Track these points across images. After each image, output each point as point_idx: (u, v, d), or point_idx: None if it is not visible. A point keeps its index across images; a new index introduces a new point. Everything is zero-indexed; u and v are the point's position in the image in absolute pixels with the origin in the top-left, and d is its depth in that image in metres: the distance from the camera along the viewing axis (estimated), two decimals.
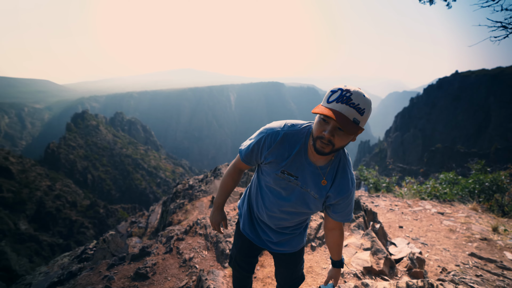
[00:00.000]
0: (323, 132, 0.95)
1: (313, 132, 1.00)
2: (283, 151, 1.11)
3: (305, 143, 1.10)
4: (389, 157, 70.86)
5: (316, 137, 0.98)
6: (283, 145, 1.11)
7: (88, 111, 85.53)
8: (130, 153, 75.60)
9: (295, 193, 1.16)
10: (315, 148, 0.99)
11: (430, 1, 3.29)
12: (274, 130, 1.13)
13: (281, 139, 1.11)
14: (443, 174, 7.11)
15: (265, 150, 1.13)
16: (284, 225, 1.30)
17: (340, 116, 0.88)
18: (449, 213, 4.66)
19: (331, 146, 0.96)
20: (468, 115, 62.80)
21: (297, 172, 1.12)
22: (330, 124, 0.93)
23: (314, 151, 1.03)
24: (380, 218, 4.30)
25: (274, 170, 1.15)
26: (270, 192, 1.23)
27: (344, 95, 0.89)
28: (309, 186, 1.13)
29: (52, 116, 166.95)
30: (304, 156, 1.11)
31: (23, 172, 48.63)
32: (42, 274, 3.02)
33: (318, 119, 0.97)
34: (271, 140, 1.12)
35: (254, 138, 1.18)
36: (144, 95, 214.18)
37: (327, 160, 1.11)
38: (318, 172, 1.11)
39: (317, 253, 2.67)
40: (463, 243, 3.45)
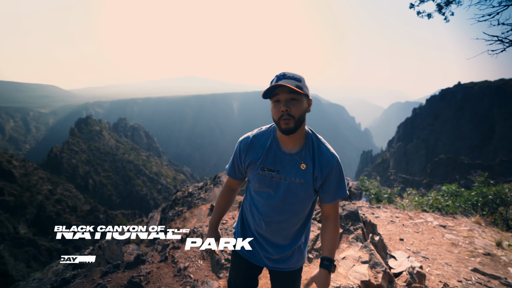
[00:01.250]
0: (280, 110, 1.07)
1: (274, 117, 1.11)
2: (256, 150, 1.23)
3: (274, 137, 1.22)
4: (392, 168, 70.33)
5: (278, 119, 1.09)
6: (254, 145, 1.24)
7: (92, 116, 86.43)
8: (132, 159, 75.81)
9: (282, 187, 1.19)
10: (282, 130, 1.10)
11: (428, 15, 3.33)
12: (245, 136, 1.28)
13: (251, 141, 1.25)
14: (446, 186, 7.01)
15: (242, 155, 1.26)
16: (284, 231, 1.26)
17: (285, 86, 1.04)
18: (451, 226, 4.58)
19: (293, 119, 1.07)
20: (472, 126, 62.52)
21: (276, 166, 1.20)
22: (281, 100, 1.07)
23: (283, 134, 1.12)
24: (380, 230, 4.22)
25: (255, 171, 1.23)
26: (260, 196, 1.26)
27: (280, 75, 1.08)
28: (292, 175, 1.18)
29: (57, 120, 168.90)
30: (277, 148, 1.21)
31: (25, 175, 48.85)
32: (36, 280, 2.99)
33: (272, 105, 1.11)
34: (244, 145, 1.26)
35: (233, 153, 1.33)
36: (148, 102, 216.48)
37: (300, 145, 1.20)
38: (295, 159, 1.19)
39: (314, 265, 2.61)
40: (465, 257, 3.37)
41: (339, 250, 2.81)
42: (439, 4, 3.34)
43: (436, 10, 3.43)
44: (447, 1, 3.24)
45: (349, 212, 3.23)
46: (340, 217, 3.21)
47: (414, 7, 3.61)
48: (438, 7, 3.39)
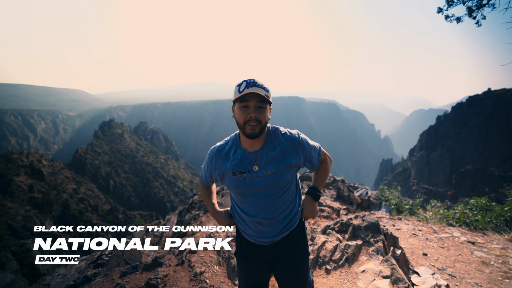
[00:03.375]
0: (248, 115, 1.15)
1: (239, 121, 1.19)
2: (224, 158, 1.31)
3: (237, 142, 1.31)
4: (413, 177, 67.25)
5: (244, 123, 1.17)
6: (221, 154, 1.32)
7: (115, 120, 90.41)
8: (151, 161, 78.20)
9: (258, 184, 1.26)
10: (246, 135, 1.19)
11: (457, 19, 3.17)
12: (213, 147, 1.39)
13: (217, 150, 1.34)
14: (474, 199, 6.57)
15: (212, 164, 1.36)
16: (278, 216, 1.32)
17: (257, 94, 1.13)
18: (481, 243, 4.27)
19: (259, 124, 1.16)
20: (503, 135, 58.52)
21: (245, 167, 1.26)
22: (250, 106, 1.15)
23: (247, 138, 1.21)
24: (402, 243, 4.03)
25: (229, 177, 1.30)
26: (243, 200, 1.32)
27: (250, 82, 1.15)
28: (262, 170, 1.25)
29: (83, 123, 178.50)
30: (241, 151, 1.28)
31: (53, 174, 51.80)
32: (60, 276, 3.12)
33: (238, 109, 1.17)
34: (212, 155, 1.36)
35: (205, 162, 1.44)
36: (167, 106, 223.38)
37: (261, 144, 1.28)
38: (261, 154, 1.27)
39: (332, 277, 2.53)
40: (498, 278, 3.12)
41: (358, 262, 2.71)
42: (469, 8, 3.17)
43: (466, 14, 3.26)
44: (478, 4, 3.07)
45: (370, 223, 3.11)
46: (360, 228, 3.10)
47: (443, 11, 3.44)
48: (468, 11, 3.22)
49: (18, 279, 14.74)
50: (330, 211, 5.09)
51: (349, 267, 2.64)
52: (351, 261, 2.70)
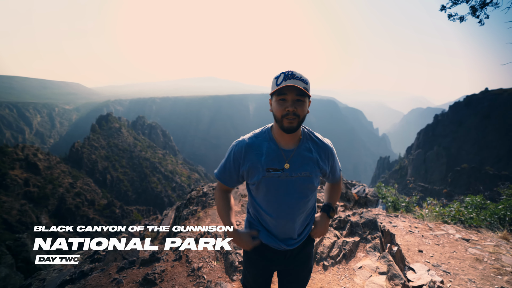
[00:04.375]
0: (286, 109, 1.09)
1: (276, 114, 1.13)
2: (255, 153, 1.21)
3: (271, 137, 1.23)
4: (410, 175, 67.80)
5: (281, 117, 1.11)
6: (252, 148, 1.21)
7: (112, 114, 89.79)
8: (149, 156, 77.95)
9: (291, 184, 1.21)
10: (283, 129, 1.13)
11: (461, 19, 3.16)
12: (239, 141, 1.25)
13: (247, 144, 1.22)
14: (470, 197, 6.64)
15: (238, 160, 1.23)
16: (300, 221, 1.29)
17: (295, 87, 1.07)
18: (475, 240, 4.32)
19: (297, 118, 1.11)
20: (499, 135, 59.03)
21: (280, 165, 1.20)
22: (288, 100, 1.10)
23: (284, 132, 1.15)
24: (398, 240, 4.06)
25: (259, 174, 1.20)
26: (270, 200, 1.23)
27: (288, 74, 1.09)
28: (297, 170, 1.21)
29: (80, 117, 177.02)
30: (276, 147, 1.21)
31: (49, 168, 51.48)
32: (56, 270, 3.11)
33: (276, 102, 1.12)
34: (239, 149, 1.22)
35: (225, 158, 1.28)
36: (166, 101, 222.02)
37: (297, 142, 1.24)
38: (296, 154, 1.22)
39: (329, 273, 2.54)
40: (491, 275, 3.16)
41: (355, 258, 2.73)
42: (473, 7, 3.15)
43: (469, 13, 3.24)
44: (482, 3, 3.05)
45: (367, 220, 3.13)
46: (357, 224, 3.12)
47: (446, 9, 3.41)
48: (472, 10, 3.19)
49: (13, 273, 14.70)
50: None
51: (346, 263, 2.66)
52: (348, 257, 2.72)
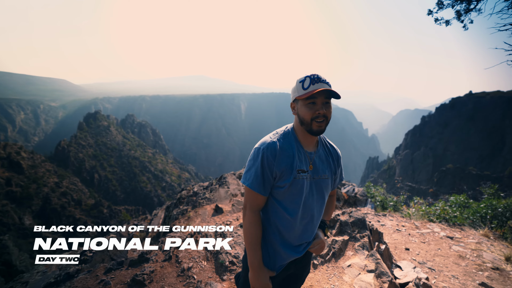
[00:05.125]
0: (316, 112, 1.11)
1: (304, 117, 1.14)
2: (287, 154, 1.18)
3: (296, 138, 1.23)
4: (398, 175, 69.40)
5: (311, 120, 1.13)
6: (284, 151, 1.18)
7: (101, 112, 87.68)
8: (138, 155, 76.59)
9: (314, 186, 1.24)
10: (312, 132, 1.15)
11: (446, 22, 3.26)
12: (268, 142, 1.19)
13: (280, 147, 1.18)
14: (454, 196, 6.87)
15: (273, 164, 1.16)
16: (317, 223, 1.32)
17: (325, 90, 1.09)
18: (458, 238, 4.47)
19: (326, 120, 1.13)
20: (482, 136, 61.31)
21: (306, 166, 1.22)
22: (317, 103, 1.12)
23: (312, 134, 1.17)
24: (386, 239, 4.16)
25: (290, 176, 1.18)
26: (295, 203, 1.21)
27: (314, 78, 1.11)
28: (319, 172, 1.25)
29: (66, 114, 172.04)
30: (302, 149, 1.23)
31: (33, 167, 49.79)
32: (40, 273, 3.02)
33: (304, 106, 1.13)
34: (273, 152, 1.16)
35: (254, 163, 1.18)
36: (156, 99, 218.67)
37: (316, 144, 1.29)
38: (318, 156, 1.27)
39: (319, 272, 2.58)
40: (473, 271, 3.28)
41: (344, 257, 2.77)
42: (458, 11, 3.27)
43: (455, 18, 3.36)
44: (466, 8, 3.17)
45: (356, 219, 3.18)
46: (347, 224, 3.17)
47: (432, 13, 3.54)
48: (457, 14, 3.32)
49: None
50: None
51: (335, 262, 2.69)
52: (337, 256, 2.76)
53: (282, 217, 1.23)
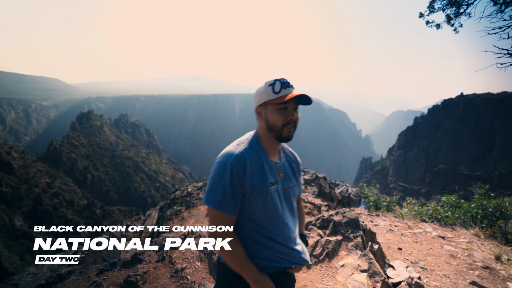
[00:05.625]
0: (288, 118, 1.07)
1: (275, 123, 1.08)
2: (257, 165, 1.08)
3: (261, 148, 1.15)
4: (391, 176, 70.25)
5: (282, 126, 1.07)
6: (253, 162, 1.08)
7: (94, 111, 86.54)
8: (132, 155, 75.78)
9: (284, 196, 1.17)
10: (282, 138, 1.10)
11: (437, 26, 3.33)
12: (236, 154, 1.06)
13: (248, 158, 1.07)
14: (445, 196, 6.97)
15: (244, 177, 1.03)
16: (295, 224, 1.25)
17: (298, 95, 1.06)
18: (450, 237, 4.55)
19: (295, 127, 1.10)
20: (472, 137, 62.53)
21: (275, 178, 1.14)
22: (289, 108, 1.07)
23: (280, 141, 1.12)
24: (379, 239, 4.20)
25: (262, 191, 1.07)
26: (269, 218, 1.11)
27: (285, 82, 1.07)
28: (287, 181, 1.19)
29: (58, 114, 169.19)
30: (268, 159, 1.15)
31: (24, 167, 48.81)
32: (31, 275, 2.96)
33: (276, 111, 1.07)
34: (242, 164, 1.04)
35: (220, 179, 1.03)
36: (150, 99, 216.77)
37: (279, 151, 1.23)
38: (282, 165, 1.20)
39: (312, 272, 2.59)
40: (464, 270, 3.34)
41: (338, 257, 2.79)
42: (448, 15, 3.35)
43: (445, 21, 3.44)
44: (456, 12, 3.25)
45: (350, 219, 3.21)
46: (340, 224, 3.19)
47: (424, 16, 3.61)
48: (447, 18, 3.40)
49: None
50: (312, 207, 5.19)
51: (329, 262, 2.71)
52: (331, 256, 2.78)
53: (258, 232, 1.12)
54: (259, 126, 1.16)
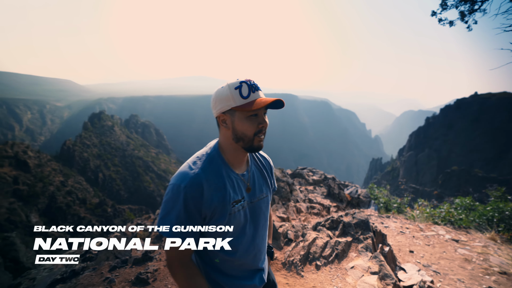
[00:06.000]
0: (260, 125, 0.92)
1: (246, 133, 0.92)
2: (217, 187, 0.93)
3: (224, 162, 0.99)
4: (402, 177, 68.85)
5: (254, 135, 0.93)
6: (211, 183, 0.92)
7: (105, 112, 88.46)
8: (142, 155, 77.08)
9: (252, 212, 1.04)
10: (252, 148, 0.95)
11: (450, 23, 3.24)
12: (191, 176, 0.90)
13: (205, 179, 0.91)
14: (459, 198, 6.79)
15: (200, 201, 0.90)
16: (265, 239, 1.14)
17: (269, 100, 0.90)
18: (464, 241, 4.42)
19: (265, 134, 0.96)
20: (487, 138, 60.50)
21: (241, 193, 1.00)
22: (259, 115, 0.93)
23: (251, 151, 0.97)
24: (390, 241, 4.13)
25: (225, 214, 0.94)
26: (235, 241, 1.00)
27: (252, 84, 0.93)
28: (256, 195, 1.06)
29: (71, 114, 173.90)
30: (233, 174, 1.00)
31: (39, 166, 50.38)
32: (47, 270, 3.06)
33: (245, 118, 0.92)
34: (198, 188, 0.89)
35: (174, 204, 0.89)
36: (159, 100, 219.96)
37: (247, 161, 1.08)
38: (248, 177, 1.06)
39: (322, 273, 2.57)
40: (479, 275, 3.24)
41: (347, 258, 2.76)
42: (462, 12, 3.25)
43: (458, 18, 3.34)
44: (471, 9, 3.15)
45: (359, 220, 3.17)
46: (350, 225, 3.16)
47: (436, 14, 3.52)
48: (461, 15, 3.30)
49: (1, 272, 14.35)
50: (321, 208, 5.15)
51: (338, 263, 2.68)
52: (340, 257, 2.75)
53: (222, 259, 1.01)
54: (223, 136, 1.00)
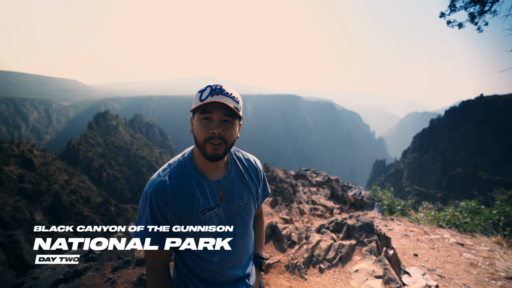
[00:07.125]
0: (210, 131, 0.86)
1: (197, 137, 0.88)
2: (182, 195, 0.92)
3: (195, 168, 0.96)
4: (405, 179, 68.26)
5: (204, 142, 0.87)
6: (176, 190, 0.91)
7: (110, 112, 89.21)
8: (145, 155, 77.56)
9: (230, 219, 1.01)
10: (206, 156, 0.89)
11: (459, 25, 3.19)
12: (156, 183, 0.91)
13: (170, 186, 0.91)
14: (464, 201, 6.70)
15: (165, 208, 0.90)
16: (246, 255, 1.11)
17: (223, 104, 0.85)
18: (469, 245, 4.36)
19: (224, 144, 0.88)
20: (493, 140, 59.75)
21: (215, 200, 0.97)
22: (214, 119, 0.87)
23: (206, 160, 0.91)
24: (394, 244, 4.08)
25: (194, 220, 0.93)
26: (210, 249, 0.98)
27: (216, 88, 0.87)
28: (234, 201, 1.01)
29: (77, 114, 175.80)
30: (205, 181, 0.96)
31: (44, 165, 50.96)
32: (50, 269, 3.07)
33: (198, 122, 0.88)
34: (162, 195, 0.89)
35: (144, 211, 0.92)
36: (164, 100, 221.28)
37: (225, 167, 1.03)
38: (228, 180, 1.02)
39: (326, 276, 2.54)
40: (485, 280, 3.19)
41: (351, 262, 2.73)
42: (471, 14, 3.20)
43: (468, 20, 3.29)
44: (480, 10, 3.10)
45: (364, 223, 3.14)
46: (354, 228, 3.13)
47: (445, 16, 3.47)
48: (470, 17, 3.25)
49: (5, 270, 14.51)
50: (324, 209, 5.12)
51: (342, 267, 2.66)
52: (344, 260, 2.72)
53: (200, 266, 1.00)
54: (194, 141, 0.97)
